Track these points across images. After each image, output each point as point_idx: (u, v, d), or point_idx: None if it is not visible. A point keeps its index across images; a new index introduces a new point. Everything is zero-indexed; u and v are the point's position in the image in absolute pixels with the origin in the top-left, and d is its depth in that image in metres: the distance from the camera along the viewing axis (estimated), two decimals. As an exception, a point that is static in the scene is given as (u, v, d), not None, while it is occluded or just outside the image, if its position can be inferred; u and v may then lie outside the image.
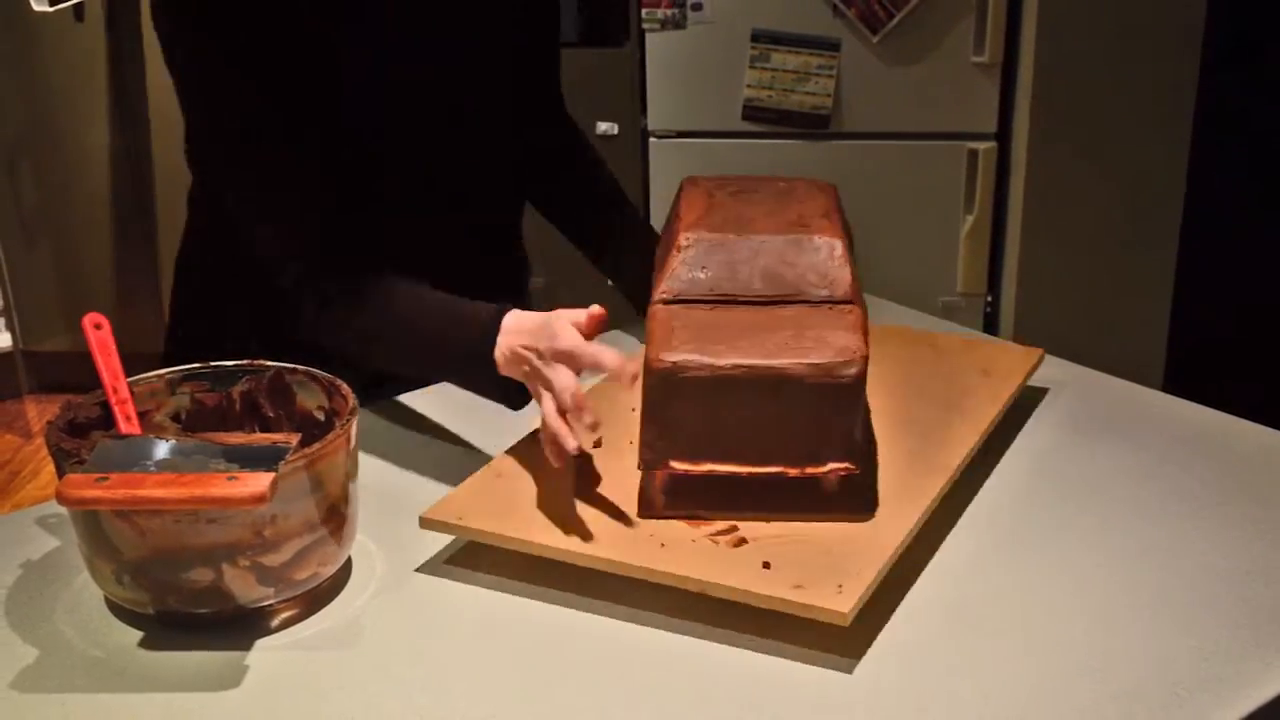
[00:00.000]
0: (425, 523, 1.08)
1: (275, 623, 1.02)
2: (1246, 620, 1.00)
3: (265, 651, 0.98)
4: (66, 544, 1.13)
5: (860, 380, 1.06)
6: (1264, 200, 2.93)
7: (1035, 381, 1.39)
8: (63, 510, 1.08)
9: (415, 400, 1.41)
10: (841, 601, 0.95)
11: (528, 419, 1.23)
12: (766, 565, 1.00)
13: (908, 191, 2.95)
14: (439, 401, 1.40)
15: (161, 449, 0.98)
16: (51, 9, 2.97)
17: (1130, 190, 2.90)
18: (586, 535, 1.05)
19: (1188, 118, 2.83)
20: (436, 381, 1.39)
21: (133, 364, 1.08)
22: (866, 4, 2.81)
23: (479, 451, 1.29)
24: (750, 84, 2.92)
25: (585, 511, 1.09)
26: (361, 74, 1.28)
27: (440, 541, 1.13)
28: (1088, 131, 2.85)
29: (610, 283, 1.54)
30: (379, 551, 1.12)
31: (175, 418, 1.11)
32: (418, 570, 1.09)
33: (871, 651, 0.97)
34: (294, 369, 1.13)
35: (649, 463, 1.09)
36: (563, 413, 1.09)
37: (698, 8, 2.89)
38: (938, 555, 1.09)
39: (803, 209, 1.20)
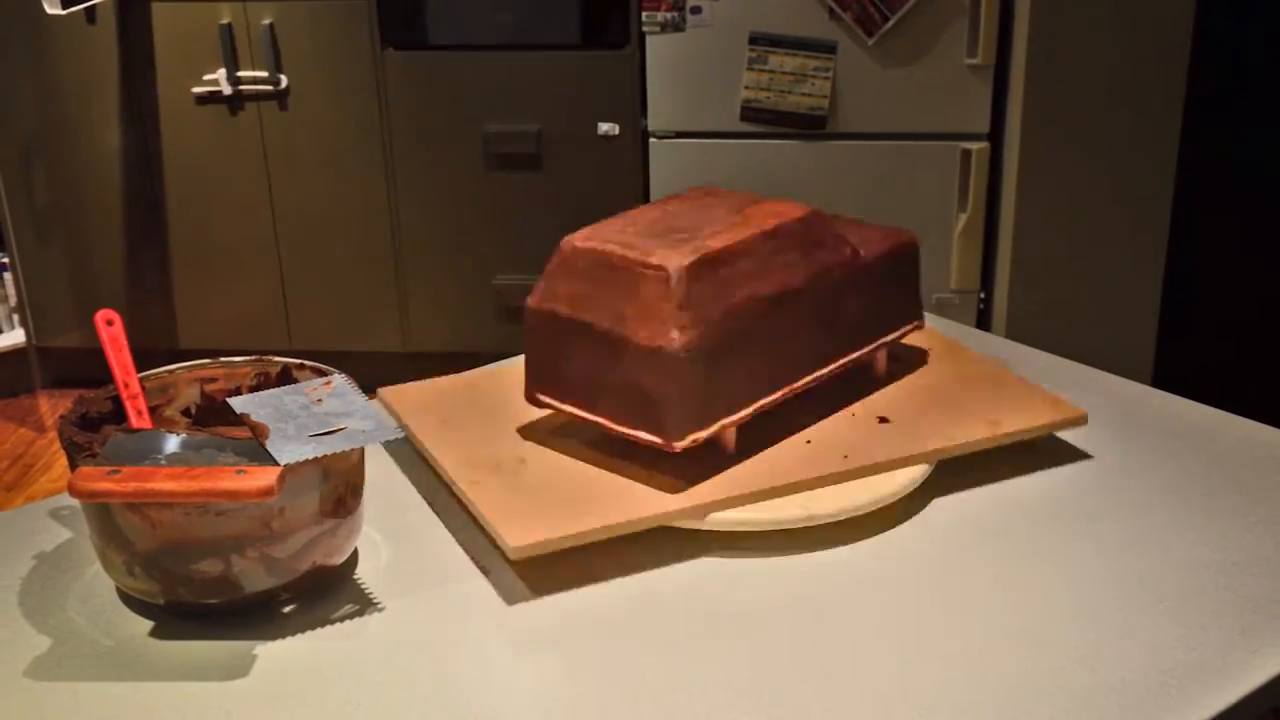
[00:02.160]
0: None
1: (283, 613, 1.02)
2: (1234, 610, 1.00)
3: (273, 641, 0.98)
4: (79, 536, 1.13)
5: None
6: (1252, 198, 2.92)
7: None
8: (75, 502, 1.08)
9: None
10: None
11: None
12: None
13: (903, 190, 2.95)
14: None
15: (172, 443, 0.98)
16: (64, 11, 2.96)
17: (1120, 188, 2.90)
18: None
19: (1176, 117, 2.83)
20: None
21: (144, 359, 1.08)
22: (862, 7, 2.80)
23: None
24: (748, 85, 2.92)
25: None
26: None
27: (444, 533, 1.13)
28: (1078, 131, 2.84)
29: None
30: (384, 543, 1.12)
31: (185, 412, 1.11)
32: (422, 561, 1.09)
33: (866, 642, 0.97)
34: (301, 364, 1.13)
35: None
36: None
37: (697, 11, 2.89)
38: (930, 547, 1.10)
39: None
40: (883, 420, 1.23)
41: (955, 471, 1.20)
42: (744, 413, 1.15)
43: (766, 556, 1.09)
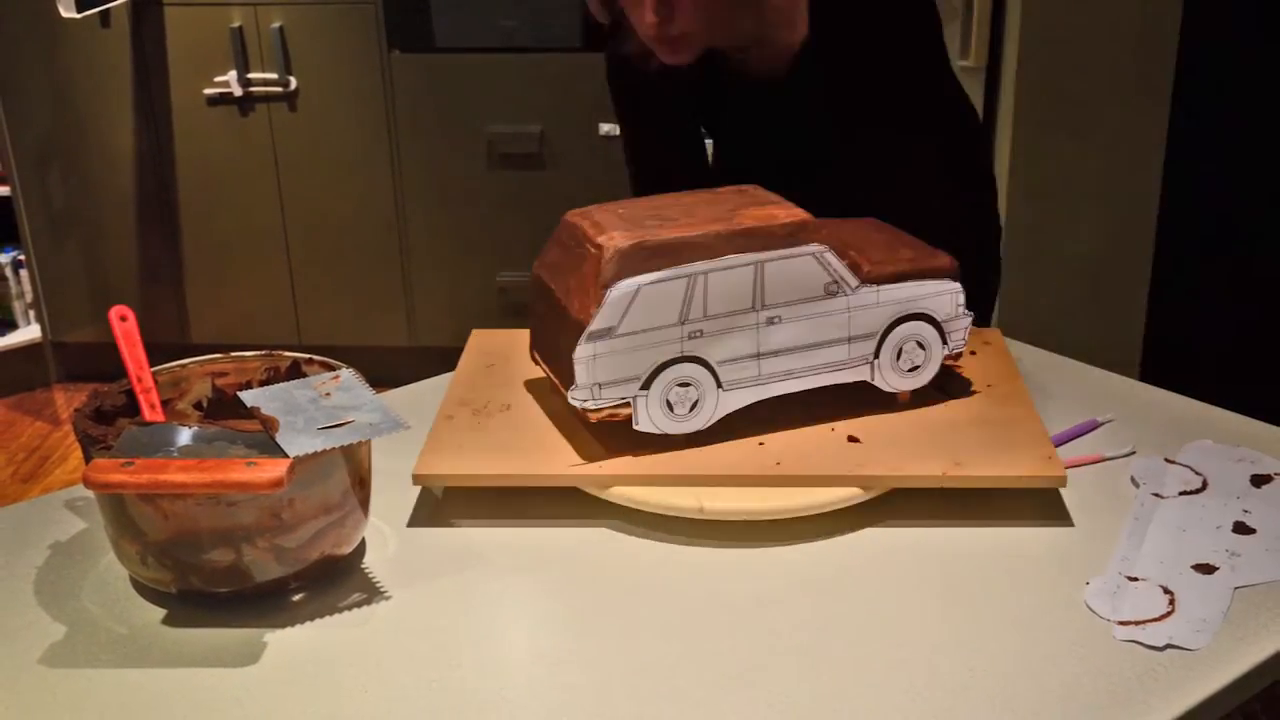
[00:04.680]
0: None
1: (292, 600, 1.02)
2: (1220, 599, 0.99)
3: (283, 628, 0.98)
4: (93, 526, 1.13)
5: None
6: (1238, 195, 2.92)
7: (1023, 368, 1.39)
8: (90, 494, 1.07)
9: (426, 388, 1.41)
10: None
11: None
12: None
13: (896, 189, 2.95)
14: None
15: (184, 435, 0.98)
16: (79, 15, 2.96)
17: (1110, 186, 2.89)
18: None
19: (1164, 117, 2.83)
20: None
21: (156, 354, 1.08)
22: (857, 10, 2.79)
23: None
24: (746, 87, 2.91)
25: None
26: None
27: (448, 526, 1.13)
28: (1069, 131, 2.84)
29: None
30: (391, 533, 1.12)
31: (197, 406, 1.11)
32: (428, 551, 1.09)
33: (860, 631, 0.97)
34: (310, 358, 1.13)
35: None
36: None
37: (696, 14, 2.88)
38: (921, 533, 1.09)
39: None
40: (851, 439, 1.18)
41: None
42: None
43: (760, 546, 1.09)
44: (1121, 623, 0.96)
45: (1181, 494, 1.15)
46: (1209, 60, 2.83)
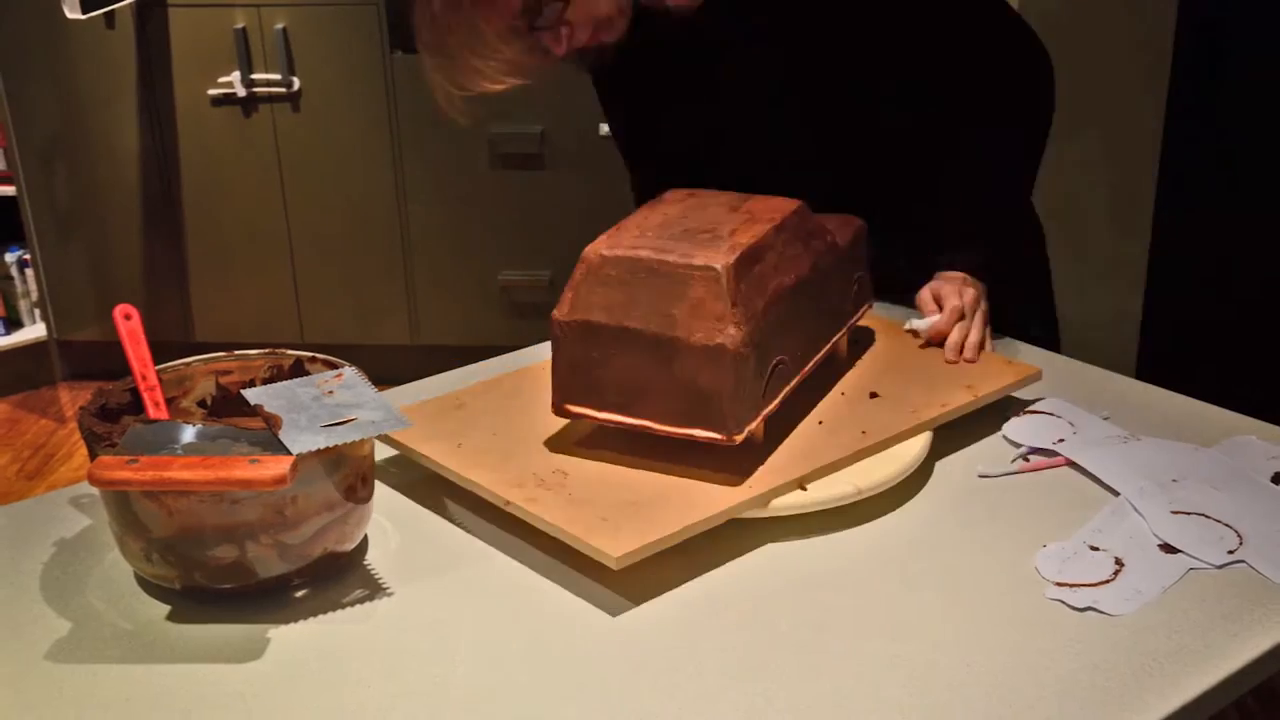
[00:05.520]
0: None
1: (296, 596, 1.02)
2: (1215, 594, 1.00)
3: (286, 624, 0.98)
4: (98, 523, 1.13)
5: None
6: (1232, 194, 2.92)
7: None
8: (94, 491, 1.08)
9: (428, 386, 1.41)
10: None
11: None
12: None
13: (894, 190, 2.94)
14: (450, 387, 1.40)
15: (188, 433, 0.98)
16: (84, 16, 2.96)
17: (1105, 185, 2.89)
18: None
19: (1159, 116, 2.83)
20: None
21: (161, 352, 1.08)
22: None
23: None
24: (745, 88, 2.91)
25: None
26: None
27: (451, 521, 1.13)
28: (1064, 129, 2.84)
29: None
30: (394, 530, 1.12)
31: (201, 403, 1.11)
32: (430, 547, 1.09)
33: (859, 627, 0.97)
34: (313, 357, 1.13)
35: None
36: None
37: (695, 15, 2.88)
38: (921, 528, 1.09)
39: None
40: (873, 395, 1.25)
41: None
42: (776, 400, 1.15)
43: (809, 537, 1.09)
44: (1058, 584, 0.99)
45: (1174, 482, 1.15)
46: (1206, 60, 2.83)
